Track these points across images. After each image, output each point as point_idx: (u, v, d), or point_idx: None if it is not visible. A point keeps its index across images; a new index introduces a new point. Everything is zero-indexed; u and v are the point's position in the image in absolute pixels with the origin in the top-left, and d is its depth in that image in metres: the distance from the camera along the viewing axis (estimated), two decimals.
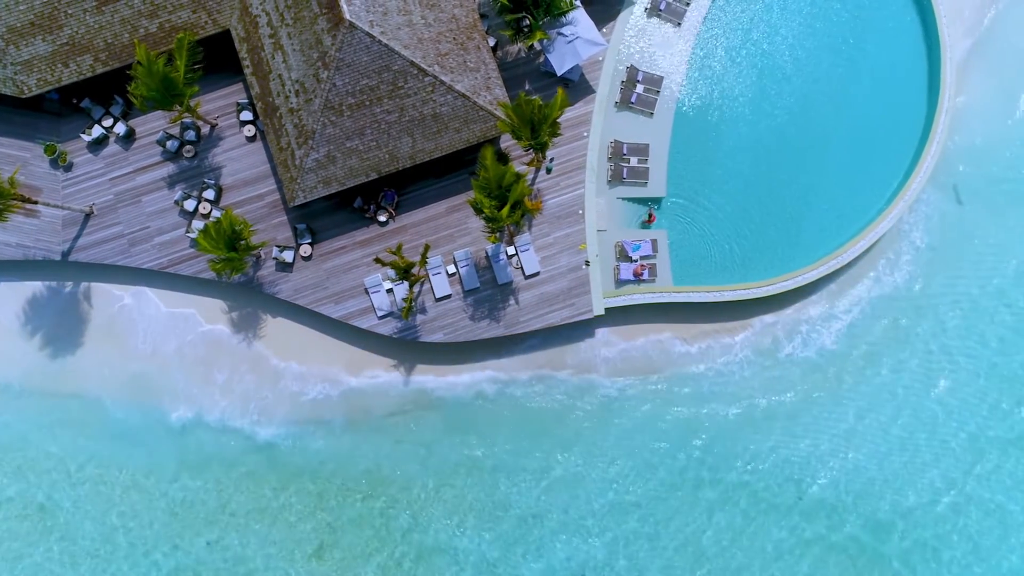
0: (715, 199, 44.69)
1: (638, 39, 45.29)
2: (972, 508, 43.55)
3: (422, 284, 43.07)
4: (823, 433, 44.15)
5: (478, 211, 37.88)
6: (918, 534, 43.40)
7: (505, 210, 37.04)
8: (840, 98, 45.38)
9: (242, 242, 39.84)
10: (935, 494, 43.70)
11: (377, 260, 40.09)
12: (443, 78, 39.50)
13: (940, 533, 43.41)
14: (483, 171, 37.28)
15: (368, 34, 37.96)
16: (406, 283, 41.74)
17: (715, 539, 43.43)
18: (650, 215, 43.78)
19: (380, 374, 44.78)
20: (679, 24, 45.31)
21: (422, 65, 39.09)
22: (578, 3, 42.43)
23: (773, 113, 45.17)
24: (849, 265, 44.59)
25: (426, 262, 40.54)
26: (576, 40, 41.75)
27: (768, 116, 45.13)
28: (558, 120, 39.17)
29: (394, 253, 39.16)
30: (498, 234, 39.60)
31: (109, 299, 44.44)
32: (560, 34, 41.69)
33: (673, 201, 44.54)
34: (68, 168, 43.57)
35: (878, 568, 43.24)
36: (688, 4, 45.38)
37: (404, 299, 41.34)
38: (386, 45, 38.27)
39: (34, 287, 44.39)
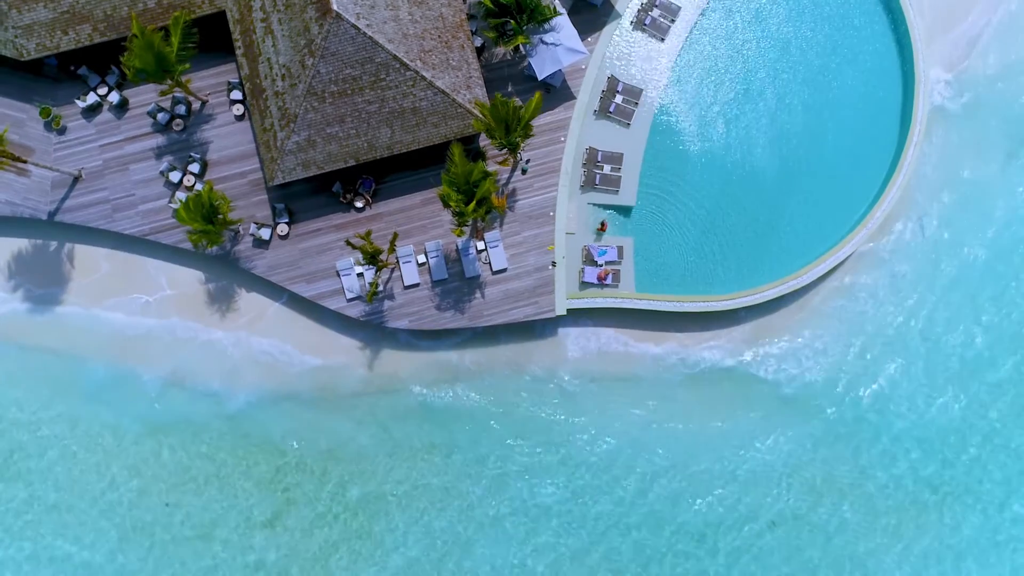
0: (683, 212, 45.94)
1: (622, 51, 46.56)
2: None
3: (392, 271, 44.44)
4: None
5: (446, 204, 39.25)
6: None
7: (471, 205, 38.36)
8: (814, 125, 46.60)
9: (219, 216, 41.29)
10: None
11: (348, 243, 41.46)
12: (424, 74, 40.88)
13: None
14: (452, 166, 38.63)
15: (354, 26, 39.36)
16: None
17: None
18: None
19: (347, 355, 46.06)
20: (663, 40, 46.55)
21: (405, 60, 40.48)
22: (563, 11, 43.73)
23: (747, 134, 46.41)
24: (809, 287, 45.71)
25: (394, 250, 41.91)
26: (558, 47, 43.06)
27: (742, 137, 46.37)
28: (531, 123, 40.45)
29: (363, 238, 40.52)
30: (464, 228, 40.91)
31: (90, 261, 45.84)
32: (543, 40, 43.02)
33: (642, 211, 45.72)
34: (61, 132, 45.08)
35: None
36: (673, 21, 46.60)
37: (370, 283, 42.68)
38: (371, 38, 39.67)
39: (19, 243, 45.88)
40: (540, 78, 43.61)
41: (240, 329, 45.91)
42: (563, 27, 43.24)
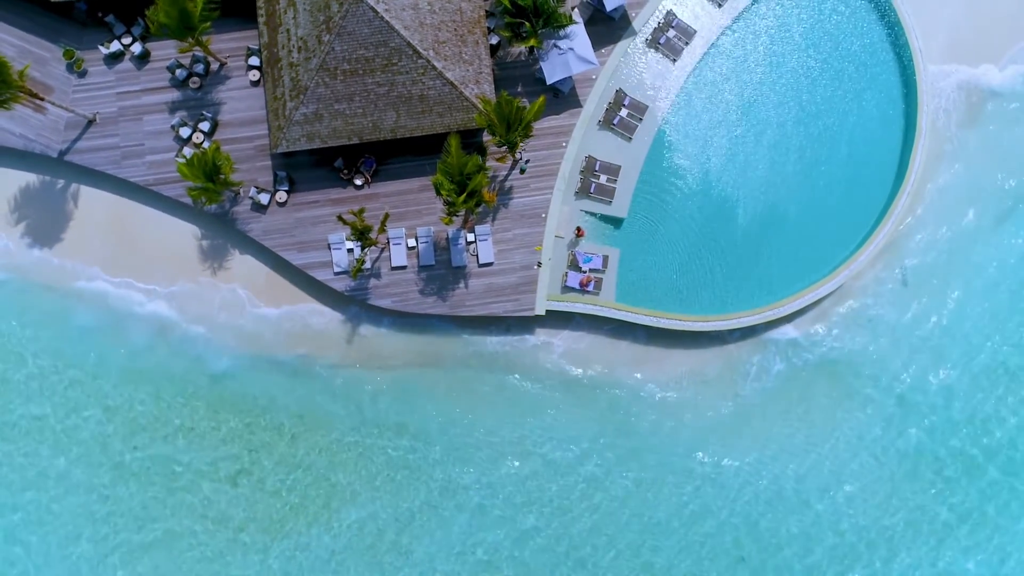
0: (672, 231, 46.82)
1: (633, 66, 47.47)
2: None
3: (381, 251, 45.53)
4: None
5: (438, 192, 40.30)
6: None
7: (462, 197, 39.42)
8: (811, 162, 47.36)
9: (221, 176, 42.50)
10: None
11: (339, 218, 42.56)
12: (436, 63, 41.97)
13: None
14: (448, 156, 39.70)
15: (372, 8, 40.52)
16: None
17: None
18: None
19: (330, 328, 47.09)
20: (675, 60, 47.45)
21: (418, 48, 41.59)
22: (579, 20, 44.72)
23: (744, 165, 47.24)
24: (783, 319, 46.51)
25: (385, 230, 42.99)
26: (570, 54, 44.07)
27: (739, 166, 47.20)
28: (533, 124, 41.45)
29: (355, 215, 41.61)
30: (454, 218, 41.94)
31: (92, 205, 47.13)
32: (556, 45, 44.04)
33: (632, 224, 46.63)
34: (82, 75, 46.42)
35: None
36: (687, 44, 47.48)
37: (357, 259, 43.77)
38: (387, 22, 40.82)
39: (28, 178, 47.24)
40: (549, 82, 44.61)
41: (227, 290, 47.00)
42: (577, 36, 44.23)
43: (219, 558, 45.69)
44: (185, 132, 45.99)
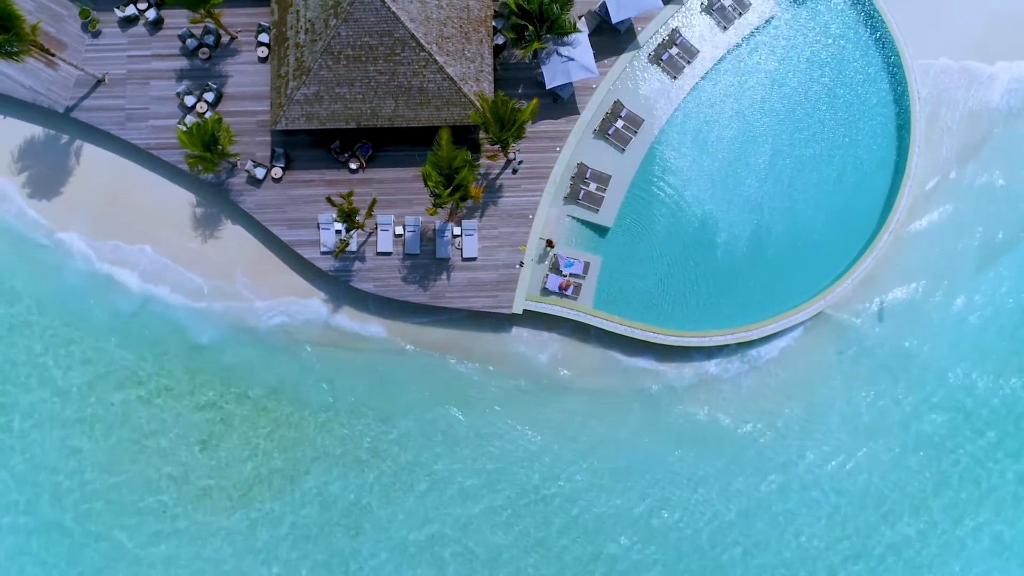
0: (655, 245, 47.60)
1: (634, 79, 48.25)
2: None
3: (369, 235, 46.42)
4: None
5: (426, 183, 41.15)
6: None
7: (448, 190, 40.27)
8: (799, 193, 48.07)
9: (218, 147, 43.45)
10: None
11: (328, 199, 43.47)
12: (437, 58, 42.84)
13: None
14: (438, 149, 40.55)
15: None
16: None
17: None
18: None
19: (312, 306, 48.04)
20: (675, 78, 48.19)
21: (422, 41, 42.46)
22: (583, 29, 45.52)
23: (733, 188, 48.00)
24: (754, 343, 47.22)
25: (372, 215, 43.87)
26: (571, 62, 44.86)
27: (728, 189, 47.98)
28: (526, 126, 42.25)
29: (343, 197, 42.52)
30: (439, 210, 42.77)
31: (94, 163, 48.15)
32: (558, 52, 44.83)
33: (617, 234, 47.40)
34: (96, 35, 47.47)
35: None
36: (689, 63, 48.22)
37: (341, 240, 44.67)
38: (393, 13, 41.71)
39: (33, 130, 48.31)
40: (548, 87, 45.42)
41: (216, 260, 48.00)
42: (580, 44, 45.03)
43: (185, 517, 46.64)
44: (190, 100, 46.98)
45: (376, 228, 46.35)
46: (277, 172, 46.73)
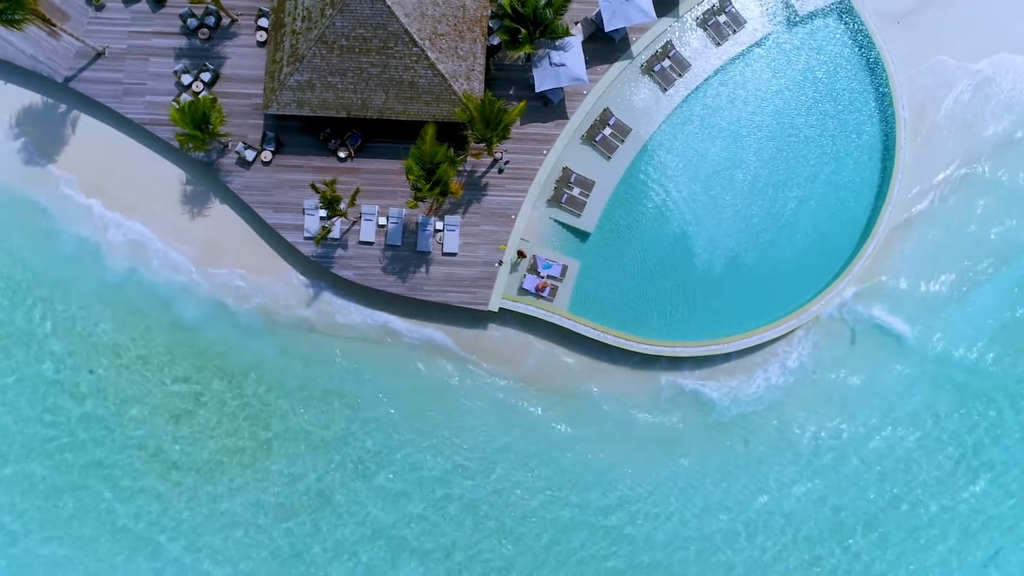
0: (634, 253, 48.11)
1: (624, 88, 48.75)
2: None
3: (352, 223, 47.07)
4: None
5: (408, 176, 41.79)
6: None
7: (428, 184, 40.90)
8: (779, 212, 48.50)
9: (209, 127, 44.17)
10: None
11: (312, 186, 44.14)
12: (429, 54, 43.47)
13: None
14: (421, 143, 41.19)
15: None
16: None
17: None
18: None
19: (292, 290, 48.73)
20: (666, 90, 48.71)
21: (415, 36, 43.10)
22: (576, 35, 46.08)
23: (715, 202, 48.46)
24: (724, 357, 47.74)
25: (355, 204, 44.53)
26: (562, 67, 45.44)
27: (710, 202, 48.43)
28: (511, 127, 42.85)
29: (327, 184, 43.19)
30: (420, 203, 43.38)
31: (89, 134, 48.92)
32: (550, 56, 45.41)
33: (597, 240, 47.95)
34: (99, 8, 48.25)
35: None
36: (681, 75, 48.74)
37: (323, 227, 45.34)
38: (388, 6, 42.36)
39: (31, 97, 49.13)
40: (537, 90, 46.01)
41: (201, 237, 48.71)
42: (572, 49, 45.59)
43: (150, 490, 47.45)
44: (187, 79, 47.70)
45: (360, 217, 46.99)
46: (267, 155, 47.42)
